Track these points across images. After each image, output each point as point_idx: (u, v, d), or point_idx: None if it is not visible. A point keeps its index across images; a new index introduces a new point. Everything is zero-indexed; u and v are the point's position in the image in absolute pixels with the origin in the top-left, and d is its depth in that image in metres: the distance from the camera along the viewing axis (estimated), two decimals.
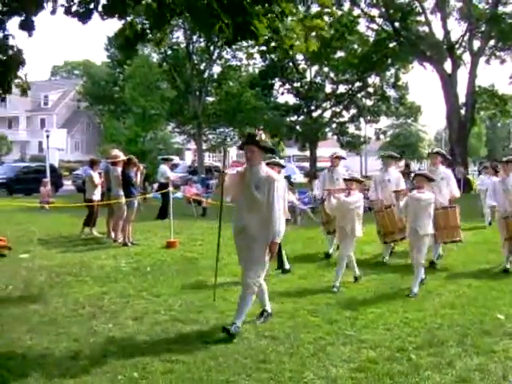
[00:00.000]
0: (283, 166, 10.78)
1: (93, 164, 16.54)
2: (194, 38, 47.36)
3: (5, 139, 72.07)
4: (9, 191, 33.94)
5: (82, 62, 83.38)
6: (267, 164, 8.85)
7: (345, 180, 10.35)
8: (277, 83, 49.82)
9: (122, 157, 15.25)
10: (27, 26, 9.26)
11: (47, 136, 36.36)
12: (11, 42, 10.27)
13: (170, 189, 16.24)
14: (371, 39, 44.63)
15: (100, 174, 16.32)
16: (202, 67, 48.74)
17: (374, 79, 50.03)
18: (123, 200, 14.55)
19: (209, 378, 5.87)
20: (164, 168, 20.55)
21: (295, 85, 48.54)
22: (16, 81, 10.57)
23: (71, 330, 7.47)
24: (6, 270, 11.36)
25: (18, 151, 74.21)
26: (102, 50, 57.48)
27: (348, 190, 9.83)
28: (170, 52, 48.57)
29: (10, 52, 10.21)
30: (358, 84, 48.56)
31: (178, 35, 48.07)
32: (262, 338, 6.99)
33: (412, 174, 16.07)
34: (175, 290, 9.48)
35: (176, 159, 50.52)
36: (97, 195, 16.03)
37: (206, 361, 6.30)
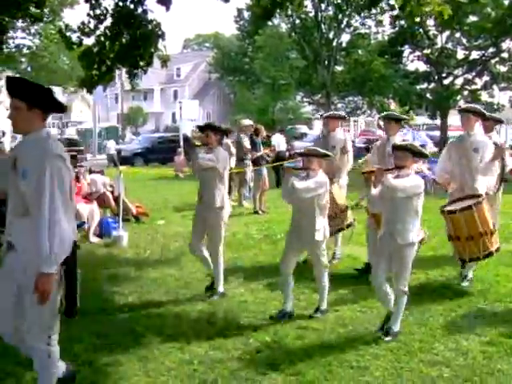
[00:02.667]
0: (343, 118, 11.01)
1: (227, 133, 17.08)
2: (323, 6, 47.12)
3: (141, 111, 74.91)
4: (145, 160, 35.50)
5: (213, 35, 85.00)
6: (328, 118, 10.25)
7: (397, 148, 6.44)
8: (406, 50, 48.58)
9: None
10: (164, 1, 9.78)
11: (180, 107, 37.54)
12: (150, 16, 10.92)
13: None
14: (506, 2, 42.69)
15: (233, 143, 16.81)
16: (330, 36, 48.38)
17: (508, 44, 47.84)
18: (250, 168, 15.20)
19: (338, 345, 6.05)
20: (278, 139, 21.03)
21: (425, 51, 47.22)
22: (156, 53, 11.22)
23: (205, 293, 7.83)
24: (144, 236, 11.98)
25: (153, 122, 76.85)
26: (232, 22, 58.05)
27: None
28: (298, 21, 48.58)
29: (150, 26, 10.81)
30: (491, 50, 46.61)
31: (307, 4, 48.02)
32: None
33: None
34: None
35: (304, 128, 50.79)
36: (232, 163, 16.57)
37: (336, 328, 6.48)
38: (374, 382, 5.23)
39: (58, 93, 43.75)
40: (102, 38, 11.00)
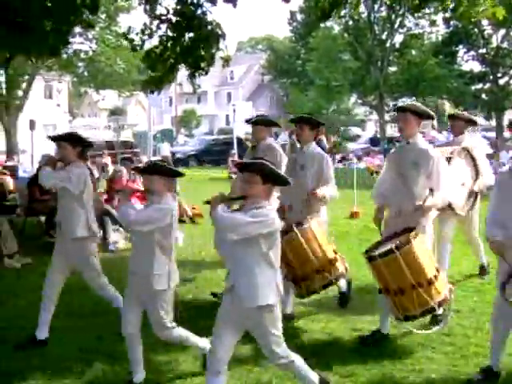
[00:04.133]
0: (274, 124, 8.64)
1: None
2: (376, 7, 46.82)
3: (194, 113, 75.57)
4: (199, 162, 35.91)
5: (266, 37, 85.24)
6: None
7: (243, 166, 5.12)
8: (461, 50, 48.00)
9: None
10: None
11: (233, 109, 37.80)
12: (209, 17, 11.12)
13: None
14: None
15: (282, 145, 16.93)
16: (383, 36, 48.02)
17: None
18: None
19: (393, 347, 6.13)
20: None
21: (480, 51, 46.55)
22: (218, 53, 11.46)
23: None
24: (199, 237, 12.16)
25: (206, 125, 77.43)
26: (285, 24, 58.20)
27: None
28: (351, 23, 48.37)
29: (209, 27, 11.01)
30: None
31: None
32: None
33: None
34: (361, 259, 9.60)
35: (358, 130, 50.59)
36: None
37: (390, 330, 6.46)
38: None
39: (114, 96, 44.59)
40: (165, 39, 11.28)
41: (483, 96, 46.53)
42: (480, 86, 47.61)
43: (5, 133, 32.36)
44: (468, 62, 48.72)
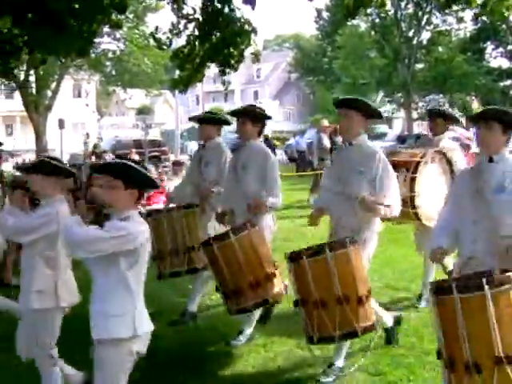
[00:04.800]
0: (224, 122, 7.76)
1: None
2: (402, 4, 46.62)
3: (221, 112, 75.71)
4: None
5: (292, 35, 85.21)
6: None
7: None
8: (489, 47, 47.68)
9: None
10: (250, 0, 10.04)
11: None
12: (238, 14, 11.20)
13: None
14: None
15: (309, 144, 16.96)
16: (410, 34, 47.79)
17: None
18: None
19: (420, 346, 6.08)
20: None
21: (509, 47, 46.15)
22: (247, 50, 11.52)
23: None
24: None
25: (233, 123, 77.47)
26: (311, 22, 58.20)
27: None
28: (377, 20, 48.23)
29: (238, 24, 11.09)
30: None
31: (386, 2, 47.43)
32: None
33: None
34: (388, 259, 9.55)
35: (385, 128, 50.35)
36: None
37: (419, 329, 6.49)
38: None
39: (141, 96, 44.90)
40: (192, 38, 11.38)
41: None
42: (509, 82, 47.24)
43: (34, 132, 32.72)
44: (496, 58, 48.40)
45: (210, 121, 7.50)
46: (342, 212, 5.49)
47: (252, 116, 6.44)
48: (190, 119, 8.37)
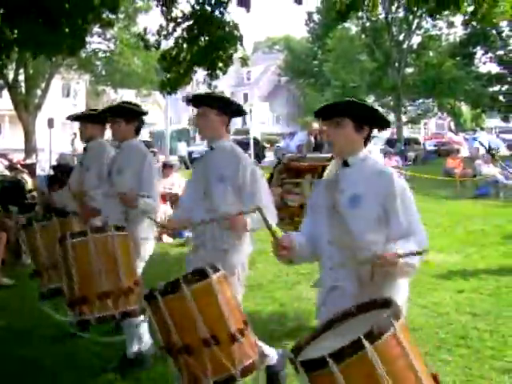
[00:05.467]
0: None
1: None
2: (393, 8, 46.72)
3: None
4: None
5: (283, 37, 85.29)
6: None
7: None
8: (478, 52, 47.89)
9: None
10: (245, 3, 10.04)
11: (250, 110, 37.86)
12: (227, 18, 11.22)
13: None
14: None
15: (298, 146, 16.91)
16: (400, 38, 47.91)
17: None
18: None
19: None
20: None
21: (498, 53, 46.36)
22: (235, 54, 11.52)
23: (275, 294, 7.96)
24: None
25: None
26: (302, 25, 58.38)
27: None
28: (368, 24, 48.35)
29: (227, 28, 11.10)
30: None
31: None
32: (463, 314, 7.00)
33: None
34: None
35: (374, 132, 50.37)
36: None
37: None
38: None
39: (131, 96, 44.85)
40: (180, 41, 11.37)
41: (501, 98, 46.35)
42: (497, 87, 47.45)
43: (24, 131, 32.65)
44: (486, 63, 48.62)
45: (90, 119, 6.67)
46: (203, 229, 4.67)
47: (124, 113, 5.72)
48: (69, 118, 7.20)
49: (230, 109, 4.87)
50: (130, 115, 5.75)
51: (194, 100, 4.97)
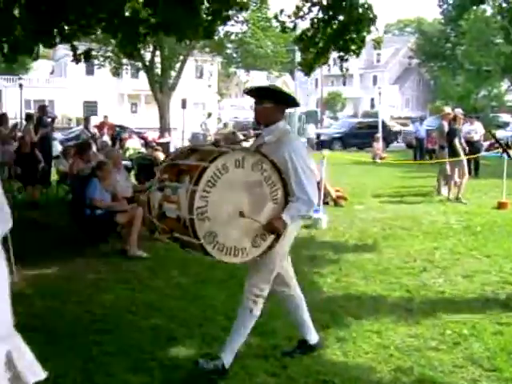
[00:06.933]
0: None
1: None
2: None
3: (339, 96, 75.48)
4: (343, 145, 36.05)
5: (415, 20, 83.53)
6: None
7: None
8: None
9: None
10: None
11: (379, 93, 37.50)
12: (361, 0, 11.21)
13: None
14: None
15: (427, 131, 16.63)
16: None
17: None
18: (446, 157, 14.88)
19: None
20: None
21: None
22: (368, 36, 11.50)
23: (403, 280, 7.78)
24: (343, 220, 12.09)
25: (351, 107, 77.09)
26: (435, 7, 57.04)
27: None
28: (505, 5, 46.51)
29: (360, 9, 11.09)
30: None
31: None
32: None
33: None
34: (505, 252, 9.25)
35: (507, 117, 48.69)
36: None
37: None
38: None
39: (261, 77, 45.43)
40: (316, 22, 11.45)
41: None
42: None
43: (158, 111, 33.82)
44: None
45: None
46: None
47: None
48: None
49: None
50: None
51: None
